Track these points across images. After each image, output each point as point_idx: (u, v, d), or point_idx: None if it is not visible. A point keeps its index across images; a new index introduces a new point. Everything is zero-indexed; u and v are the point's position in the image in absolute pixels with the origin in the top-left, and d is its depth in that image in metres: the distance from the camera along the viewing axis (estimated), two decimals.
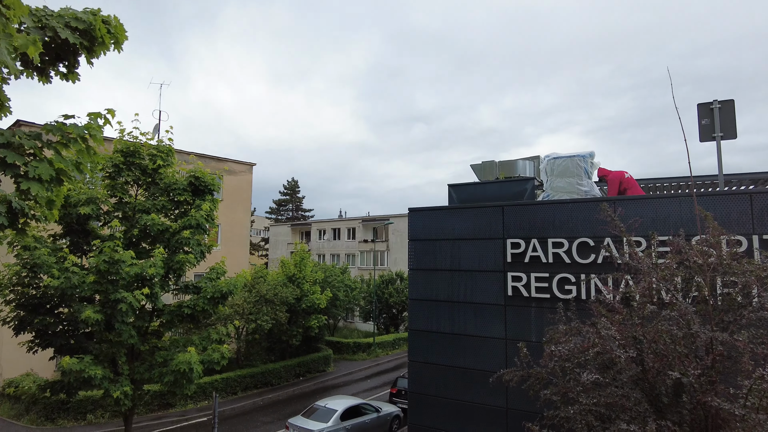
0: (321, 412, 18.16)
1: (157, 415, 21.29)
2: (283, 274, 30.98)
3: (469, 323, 10.91)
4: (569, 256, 9.98)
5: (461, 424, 10.76)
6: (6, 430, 19.35)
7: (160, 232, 10.12)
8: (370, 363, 34.09)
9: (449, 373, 11.04)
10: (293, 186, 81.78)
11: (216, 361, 9.05)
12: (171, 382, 8.61)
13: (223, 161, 33.08)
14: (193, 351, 8.43)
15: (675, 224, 8.95)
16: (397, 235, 53.28)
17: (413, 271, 11.88)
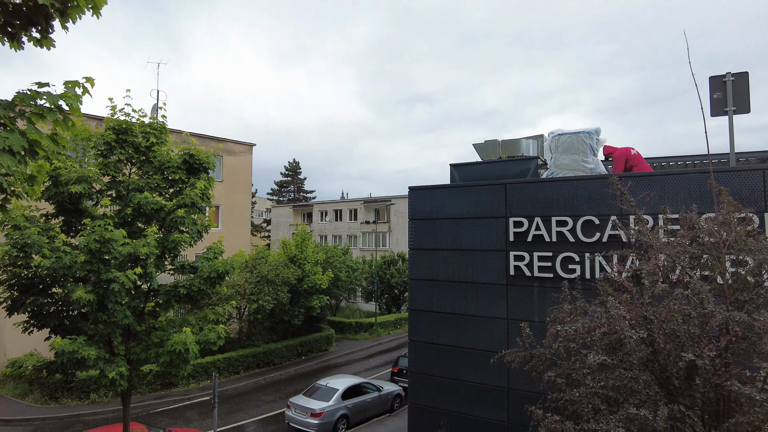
0: (322, 391, 18.21)
1: (159, 394, 21.43)
2: (284, 255, 30.92)
3: (470, 303, 10.73)
4: (573, 234, 9.73)
5: (461, 404, 10.68)
6: (11, 409, 19.49)
7: (154, 211, 9.89)
8: (372, 342, 34.23)
9: (450, 353, 10.92)
10: (294, 167, 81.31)
11: (212, 341, 8.91)
12: (167, 363, 8.50)
13: (223, 142, 32.68)
14: (188, 331, 8.28)
15: (684, 202, 8.66)
16: (399, 217, 53.05)
17: (414, 251, 11.67)
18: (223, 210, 32.30)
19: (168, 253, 9.81)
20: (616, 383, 3.56)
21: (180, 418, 18.99)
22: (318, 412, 17.03)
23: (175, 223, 9.66)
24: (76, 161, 9.93)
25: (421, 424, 11.24)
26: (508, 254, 10.39)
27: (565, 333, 4.34)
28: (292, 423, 17.55)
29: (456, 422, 10.71)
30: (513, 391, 10.10)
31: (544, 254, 9.96)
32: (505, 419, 10.15)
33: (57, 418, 18.80)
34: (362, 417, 18.57)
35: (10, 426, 18.28)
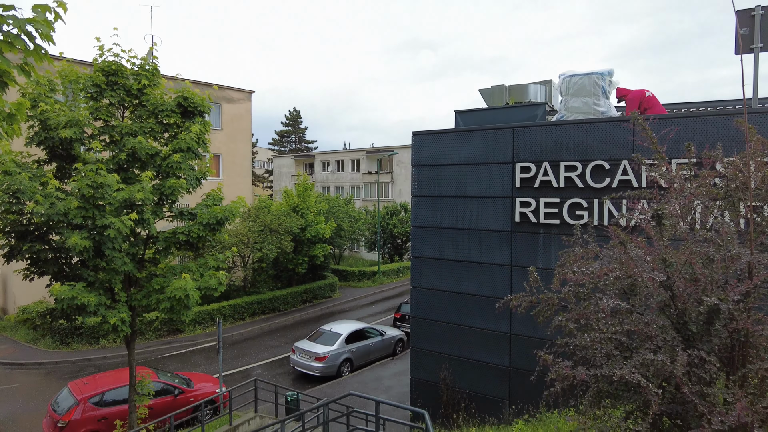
0: (326, 336, 18.58)
1: (166, 339, 21.95)
2: (287, 205, 30.83)
3: (474, 250, 10.61)
4: (582, 180, 9.43)
5: (463, 348, 10.80)
6: (24, 353, 20.04)
7: (149, 156, 9.58)
8: (375, 290, 34.75)
9: (452, 299, 10.92)
10: (295, 116, 79.75)
11: (213, 287, 8.86)
12: (168, 309, 8.48)
13: (221, 89, 31.75)
14: (187, 277, 8.20)
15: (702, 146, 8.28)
16: (402, 167, 52.45)
17: (417, 198, 11.43)
18: (223, 159, 31.87)
19: (165, 200, 9.59)
20: (631, 328, 3.39)
21: (187, 363, 19.52)
22: (322, 356, 17.43)
23: (171, 169, 9.37)
24: (66, 105, 9.52)
25: (423, 367, 11.44)
26: (513, 201, 10.14)
27: (575, 277, 4.15)
28: (297, 366, 18.01)
29: (458, 366, 10.87)
30: (515, 337, 10.16)
31: (551, 200, 9.71)
32: (506, 363, 10.27)
33: (69, 361, 19.34)
34: (365, 360, 19.04)
35: (24, 369, 18.85)
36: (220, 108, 31.87)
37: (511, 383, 10.21)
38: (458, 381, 10.81)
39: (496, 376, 10.37)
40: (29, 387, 17.12)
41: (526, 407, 9.70)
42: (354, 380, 17.46)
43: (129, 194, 8.03)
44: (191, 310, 8.55)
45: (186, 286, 8.05)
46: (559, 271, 4.67)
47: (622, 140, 9.11)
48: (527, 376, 9.95)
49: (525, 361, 9.97)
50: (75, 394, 12.74)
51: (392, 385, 17.02)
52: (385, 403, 5.87)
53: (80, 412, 12.41)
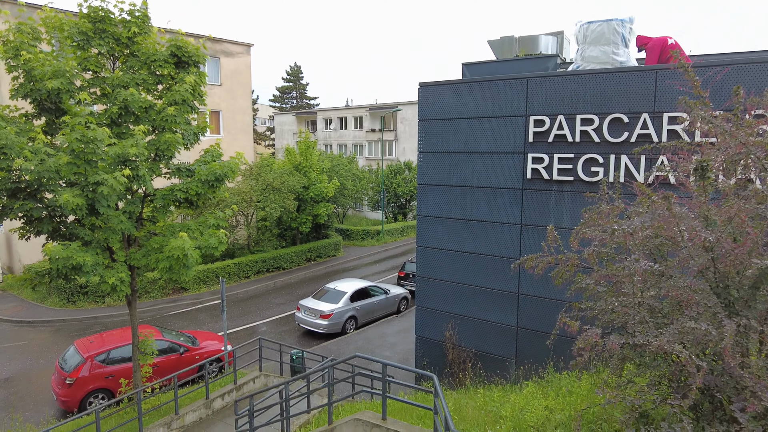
0: (331, 294, 18.59)
1: (172, 298, 22.08)
2: (289, 163, 30.34)
3: (482, 208, 10.25)
4: (599, 134, 8.93)
5: (470, 307, 10.65)
6: (32, 311, 20.25)
7: (144, 110, 9.09)
8: (379, 249, 34.74)
9: (459, 259, 10.67)
10: (296, 72, 77.68)
11: (213, 246, 8.58)
12: (167, 269, 8.25)
13: (219, 42, 30.59)
14: (185, 236, 7.90)
15: None
16: (406, 124, 51.35)
17: (423, 155, 10.97)
18: (223, 116, 31.13)
19: (162, 156, 9.18)
20: (670, 293, 3.07)
21: (192, 321, 19.66)
22: (327, 314, 17.47)
23: (166, 123, 8.90)
24: (52, 55, 8.95)
25: (428, 326, 11.34)
26: (525, 156, 9.68)
27: (601, 236, 3.80)
28: (302, 324, 18.10)
29: (464, 325, 10.75)
30: (524, 297, 9.96)
31: (566, 156, 9.25)
32: (514, 323, 10.13)
33: (76, 320, 19.53)
34: (370, 318, 19.12)
35: (33, 326, 19.06)
36: (219, 62, 30.84)
37: (518, 343, 10.10)
38: (464, 340, 10.72)
39: (503, 336, 10.25)
40: (38, 344, 17.32)
41: (534, 368, 9.62)
42: (358, 337, 17.57)
43: (122, 149, 7.62)
44: (191, 269, 8.32)
45: (184, 245, 7.77)
46: (579, 230, 4.32)
47: (643, 91, 8.55)
48: (535, 337, 9.84)
49: (533, 321, 9.82)
50: (81, 352, 12.80)
51: (397, 342, 17.12)
52: (392, 365, 5.70)
53: (87, 370, 12.52)
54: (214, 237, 8.61)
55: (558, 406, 5.56)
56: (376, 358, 6.09)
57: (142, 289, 21.63)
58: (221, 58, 30.90)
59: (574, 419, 4.08)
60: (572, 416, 5.15)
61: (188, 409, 9.54)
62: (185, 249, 7.79)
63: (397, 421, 5.84)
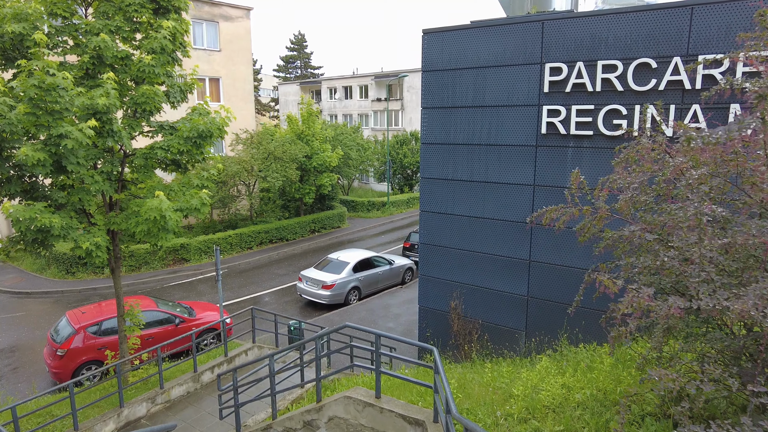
0: (334, 264, 17.99)
1: (172, 269, 21.64)
2: (291, 132, 29.43)
3: (491, 169, 9.40)
4: (623, 82, 7.98)
5: (477, 276, 9.92)
6: (31, 282, 19.95)
7: (120, 60, 8.25)
8: (384, 220, 34.06)
9: (465, 224, 9.89)
10: (300, 41, 75.71)
11: (195, 207, 7.83)
12: (145, 232, 7.56)
13: (217, 5, 29.33)
14: (161, 195, 7.18)
15: None
16: (413, 93, 49.89)
17: (427, 111, 10.06)
18: (223, 83, 30.10)
19: (141, 112, 8.38)
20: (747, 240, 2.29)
21: (193, 291, 19.24)
22: (329, 284, 16.91)
23: (143, 74, 8.07)
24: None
25: (432, 296, 10.67)
26: (540, 109, 8.76)
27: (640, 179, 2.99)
28: (304, 294, 17.58)
29: (470, 294, 10.05)
30: (535, 264, 9.20)
31: (585, 107, 8.32)
32: (524, 292, 9.40)
33: (74, 290, 19.18)
34: (373, 289, 18.56)
35: (32, 298, 18.76)
36: (217, 27, 29.64)
37: (528, 314, 9.40)
38: (470, 310, 10.05)
39: (512, 306, 9.56)
40: (35, 315, 17.00)
41: (546, 340, 8.95)
42: (362, 308, 17.03)
43: (90, 100, 6.83)
44: (170, 232, 7.62)
45: (161, 205, 7.04)
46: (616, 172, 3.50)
47: (675, 32, 7.55)
48: (547, 307, 9.12)
49: (546, 290, 9.08)
50: (73, 323, 12.35)
51: (401, 313, 16.56)
52: (387, 336, 5.02)
53: (79, 341, 12.08)
54: (195, 198, 7.87)
55: (577, 383, 4.87)
56: (367, 328, 5.40)
57: (142, 260, 21.20)
58: (220, 23, 29.68)
59: (601, 400, 3.39)
60: (594, 395, 4.46)
61: (175, 383, 9.03)
62: (162, 210, 7.07)
63: (393, 399, 5.21)
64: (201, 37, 28.83)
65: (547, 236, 8.92)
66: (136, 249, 21.08)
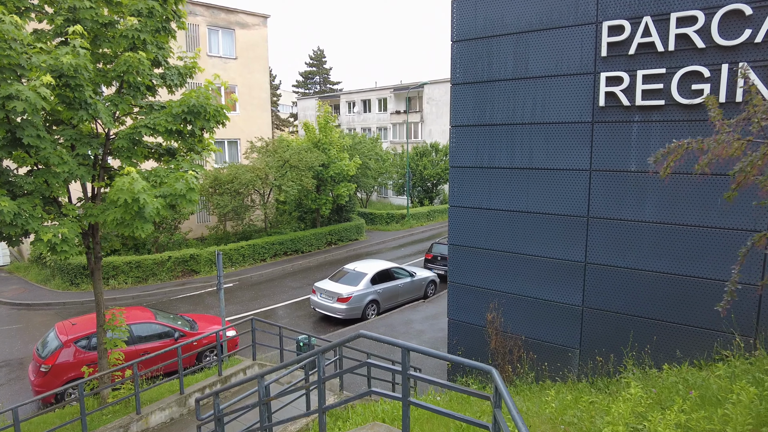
0: (350, 276, 16.54)
1: (180, 281, 20.46)
2: (308, 140, 28.39)
3: (537, 152, 7.89)
4: (705, 36, 6.45)
5: (519, 283, 8.33)
6: (33, 294, 19.01)
7: (102, 27, 7.11)
8: (404, 233, 32.57)
9: (505, 220, 8.36)
10: (319, 56, 75.86)
11: (180, 192, 6.46)
12: (118, 222, 6.26)
13: (234, 12, 28.79)
14: (133, 172, 5.87)
15: None
16: (432, 105, 48.89)
17: (458, 87, 8.63)
18: (239, 91, 29.35)
19: (125, 86, 7.18)
20: None
21: (200, 304, 17.96)
22: (345, 297, 15.43)
23: (127, 40, 6.89)
24: None
25: (464, 307, 9.09)
26: (596, 78, 7.26)
27: None
28: (318, 308, 16.13)
29: (511, 305, 8.45)
30: (593, 267, 7.59)
31: (654, 71, 6.79)
32: (578, 301, 7.77)
33: (77, 302, 18.13)
34: (393, 303, 17.00)
35: (32, 309, 17.77)
36: (234, 35, 29.05)
37: (584, 327, 7.75)
38: (511, 324, 8.44)
39: (563, 319, 7.92)
40: (33, 328, 15.90)
41: (609, 358, 7.29)
42: (380, 323, 15.47)
43: (53, 59, 5.64)
44: (149, 222, 6.29)
45: (133, 186, 5.73)
46: None
47: None
48: (608, 319, 7.47)
49: (606, 298, 7.46)
50: (60, 335, 11.14)
51: (424, 330, 14.95)
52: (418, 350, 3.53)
53: (66, 356, 10.83)
54: (180, 181, 6.53)
55: (699, 424, 3.29)
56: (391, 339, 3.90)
57: (149, 271, 20.08)
58: (236, 30, 29.10)
59: None
60: None
61: (156, 407, 7.62)
62: (134, 191, 5.76)
63: None
64: (217, 45, 28.24)
65: (609, 232, 7.33)
66: (143, 260, 20.04)
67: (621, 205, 7.20)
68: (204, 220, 26.98)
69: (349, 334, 3.75)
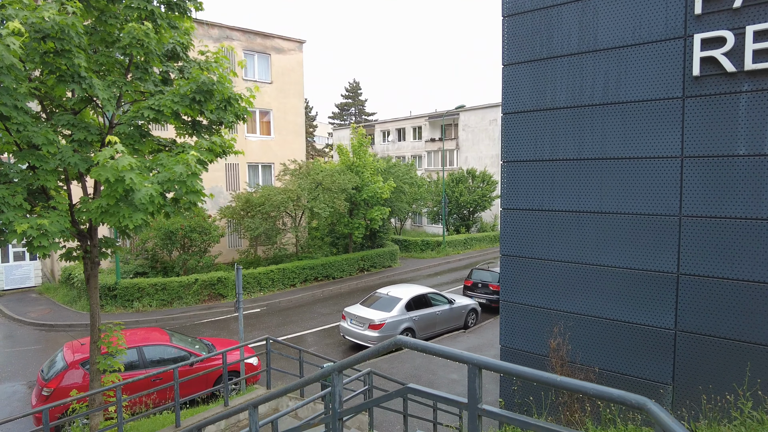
0: (383, 301, 15.14)
1: (207, 305, 19.57)
2: (341, 163, 27.73)
3: (611, 139, 6.49)
4: None
5: (590, 300, 6.78)
6: (58, 314, 18.52)
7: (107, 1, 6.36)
8: (440, 261, 30.99)
9: (570, 224, 6.91)
10: (355, 88, 76.92)
11: (180, 178, 5.36)
12: (102, 210, 5.20)
13: (269, 37, 28.98)
14: (118, 144, 4.83)
15: None
16: (468, 132, 48.00)
17: (510, 68, 7.39)
18: (274, 116, 29.20)
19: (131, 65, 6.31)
20: None
21: (225, 329, 16.91)
22: (377, 324, 14.01)
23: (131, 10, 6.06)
24: None
25: (521, 332, 7.55)
26: (688, 42, 5.89)
27: None
28: (348, 336, 14.75)
29: (580, 328, 6.88)
30: (689, 279, 6.00)
31: None
32: (670, 323, 6.15)
33: None
34: (430, 332, 15.44)
35: (54, 330, 17.19)
36: (269, 59, 29.12)
37: (677, 357, 6.10)
38: (581, 353, 6.84)
39: (649, 346, 6.29)
40: (51, 349, 15.18)
41: (715, 398, 5.59)
42: (416, 354, 13.90)
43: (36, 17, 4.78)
44: (139, 211, 5.20)
45: (118, 163, 4.66)
46: None
47: None
48: (712, 346, 5.82)
49: (708, 319, 5.83)
50: (66, 356, 10.21)
51: None
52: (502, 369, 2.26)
53: (71, 379, 9.87)
54: (180, 164, 5.46)
55: None
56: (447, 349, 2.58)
57: (174, 294, 19.29)
58: (272, 55, 29.18)
59: None
60: None
61: None
62: (119, 169, 4.71)
63: None
64: (252, 69, 28.32)
65: (709, 234, 5.78)
66: (169, 282, 19.32)
67: (726, 200, 5.67)
68: (235, 245, 26.35)
69: (385, 342, 2.47)
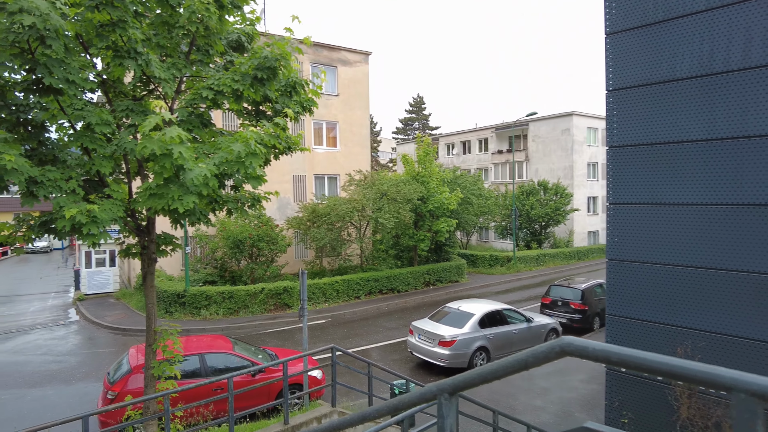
0: (453, 316, 14.02)
1: (272, 314, 19.36)
2: (406, 174, 27.07)
3: (754, 113, 5.17)
4: None
5: (722, 316, 5.39)
6: (131, 319, 19.14)
7: None
8: (510, 277, 29.22)
9: (698, 220, 5.59)
10: (419, 103, 76.70)
11: (238, 157, 4.72)
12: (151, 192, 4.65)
13: (336, 50, 29.16)
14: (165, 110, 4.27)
15: None
16: (539, 142, 45.81)
17: (616, 36, 6.25)
18: (340, 127, 29.21)
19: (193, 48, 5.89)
20: None
21: (289, 340, 16.50)
22: (449, 341, 12.92)
23: None
24: None
25: None
26: None
27: None
28: (416, 352, 13.75)
29: (712, 349, 5.49)
30: None
31: None
32: None
33: None
34: (506, 352, 14.05)
35: (127, 335, 17.65)
36: (336, 71, 29.26)
37: None
38: None
39: None
40: (123, 352, 15.44)
41: None
42: None
43: None
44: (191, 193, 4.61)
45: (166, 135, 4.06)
46: None
47: None
48: None
49: None
50: (131, 360, 10.05)
51: (549, 387, 11.85)
52: None
53: (134, 383, 9.65)
54: (238, 142, 4.84)
55: None
56: None
57: (241, 303, 19.27)
58: (338, 68, 29.32)
59: None
60: None
61: None
62: (167, 141, 4.13)
63: None
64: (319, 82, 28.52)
65: None
66: (236, 290, 19.35)
67: None
68: (301, 255, 26.31)
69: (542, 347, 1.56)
